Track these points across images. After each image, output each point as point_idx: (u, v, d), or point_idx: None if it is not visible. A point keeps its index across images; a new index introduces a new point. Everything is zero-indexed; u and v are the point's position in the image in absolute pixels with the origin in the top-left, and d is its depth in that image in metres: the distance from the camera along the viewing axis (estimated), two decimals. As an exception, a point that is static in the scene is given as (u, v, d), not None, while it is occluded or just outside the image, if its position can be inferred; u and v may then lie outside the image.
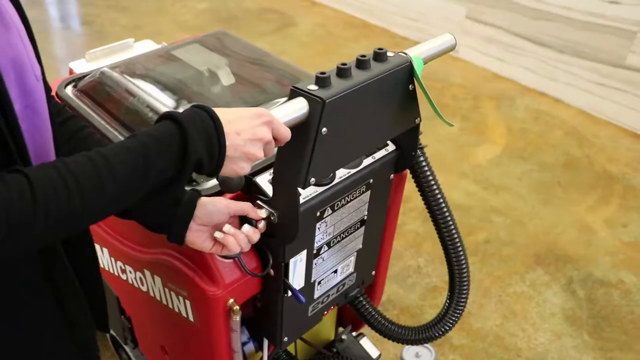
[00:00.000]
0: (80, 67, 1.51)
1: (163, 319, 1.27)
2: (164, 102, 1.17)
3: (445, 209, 1.21)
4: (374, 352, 1.59)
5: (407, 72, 0.96)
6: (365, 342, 1.60)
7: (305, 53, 3.74)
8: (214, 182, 1.04)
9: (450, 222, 1.23)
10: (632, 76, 2.98)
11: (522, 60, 3.40)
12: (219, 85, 1.25)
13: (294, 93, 0.85)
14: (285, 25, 4.09)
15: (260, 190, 1.00)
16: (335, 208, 1.08)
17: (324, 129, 0.86)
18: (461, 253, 1.26)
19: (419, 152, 1.21)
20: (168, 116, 0.76)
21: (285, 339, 1.21)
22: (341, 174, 1.06)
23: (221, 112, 0.77)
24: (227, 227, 0.95)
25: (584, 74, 3.17)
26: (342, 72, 0.88)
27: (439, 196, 1.21)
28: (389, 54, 0.95)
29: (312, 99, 0.84)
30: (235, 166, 0.79)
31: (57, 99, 1.27)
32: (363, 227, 1.20)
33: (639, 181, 2.70)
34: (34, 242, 0.67)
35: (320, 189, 1.02)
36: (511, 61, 3.46)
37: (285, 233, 0.99)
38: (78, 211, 0.68)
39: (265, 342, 1.24)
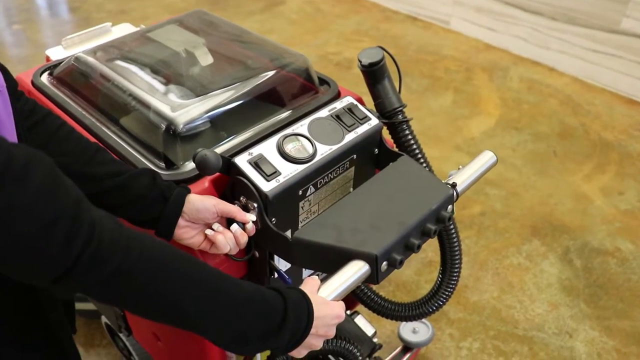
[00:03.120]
0: (57, 54, 1.48)
1: (152, 306, 1.26)
2: (139, 85, 1.14)
3: None
4: (369, 329, 1.58)
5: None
6: (360, 320, 1.59)
7: (295, 31, 3.69)
8: (192, 165, 1.02)
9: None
10: (627, 41, 2.93)
11: (514, 29, 3.35)
12: (197, 65, 1.22)
13: (366, 258, 0.87)
14: (273, 4, 4.02)
15: (239, 171, 0.97)
16: (319, 186, 1.05)
17: None
18: (451, 226, 1.24)
19: (404, 125, 1.19)
20: (283, 296, 0.77)
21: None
22: (322, 150, 1.03)
23: (314, 306, 0.79)
24: (217, 225, 0.96)
25: (578, 41, 3.12)
26: (411, 248, 0.92)
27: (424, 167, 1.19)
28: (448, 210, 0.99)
29: (372, 274, 0.87)
30: (294, 351, 0.81)
31: (31, 89, 1.25)
32: (349, 205, 1.18)
33: (635, 148, 2.67)
34: (83, 289, 0.67)
35: (301, 167, 1.00)
36: (503, 30, 3.40)
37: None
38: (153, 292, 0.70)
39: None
